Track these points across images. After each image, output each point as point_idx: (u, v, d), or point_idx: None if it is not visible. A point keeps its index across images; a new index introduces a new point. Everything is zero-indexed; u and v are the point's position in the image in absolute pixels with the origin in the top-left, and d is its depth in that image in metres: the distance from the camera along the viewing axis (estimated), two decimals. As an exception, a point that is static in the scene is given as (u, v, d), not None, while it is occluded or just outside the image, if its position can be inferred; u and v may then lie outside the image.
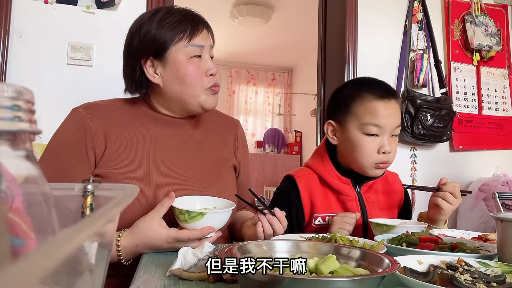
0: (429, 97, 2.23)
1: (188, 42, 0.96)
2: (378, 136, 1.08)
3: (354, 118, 1.09)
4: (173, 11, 0.98)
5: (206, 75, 0.98)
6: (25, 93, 0.30)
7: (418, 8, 2.35)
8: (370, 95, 1.08)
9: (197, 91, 0.98)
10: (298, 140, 5.86)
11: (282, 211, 0.94)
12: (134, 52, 0.98)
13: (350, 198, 1.16)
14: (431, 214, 1.12)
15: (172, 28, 0.95)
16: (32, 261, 0.16)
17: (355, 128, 1.09)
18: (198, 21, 0.99)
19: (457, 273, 0.59)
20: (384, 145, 1.08)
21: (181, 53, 0.96)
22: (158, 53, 0.96)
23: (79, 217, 0.44)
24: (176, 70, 0.96)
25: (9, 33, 1.80)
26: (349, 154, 1.13)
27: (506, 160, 2.44)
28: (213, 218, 0.84)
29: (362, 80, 1.21)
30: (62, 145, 0.95)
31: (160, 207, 0.84)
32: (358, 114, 1.09)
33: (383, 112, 1.07)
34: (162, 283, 0.62)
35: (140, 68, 0.98)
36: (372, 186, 1.19)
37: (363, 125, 1.08)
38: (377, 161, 1.09)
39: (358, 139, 1.09)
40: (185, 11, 1.00)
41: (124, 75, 1.03)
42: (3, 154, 0.29)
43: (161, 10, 0.99)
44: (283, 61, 6.32)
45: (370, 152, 1.08)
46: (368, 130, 1.07)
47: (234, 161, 1.14)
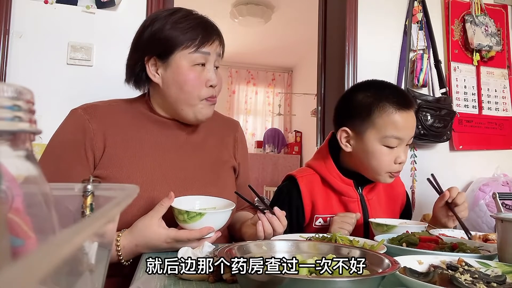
0: (429, 97, 2.23)
1: (195, 49, 0.94)
2: (395, 147, 1.07)
3: (375, 129, 1.06)
4: (190, 16, 0.97)
5: (205, 85, 0.97)
6: (25, 93, 0.30)
7: (418, 8, 2.35)
8: (390, 105, 1.05)
9: (193, 100, 0.97)
10: (298, 140, 5.86)
11: (282, 211, 0.95)
12: (141, 46, 0.98)
13: (352, 200, 1.15)
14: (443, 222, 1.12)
15: (183, 33, 0.94)
16: (32, 261, 0.16)
17: (375, 139, 1.06)
18: (211, 31, 0.97)
19: (457, 273, 0.59)
20: (400, 155, 1.07)
21: (186, 59, 0.95)
22: (163, 54, 0.95)
23: (79, 217, 0.44)
24: (177, 75, 0.95)
25: (9, 33, 1.80)
26: (363, 162, 1.11)
27: (506, 160, 2.44)
28: (212, 218, 0.84)
29: (378, 85, 1.14)
30: (61, 146, 0.95)
31: (160, 207, 0.84)
32: (379, 126, 1.05)
33: (404, 124, 1.06)
34: (162, 283, 0.62)
35: (142, 64, 0.98)
36: (374, 188, 1.19)
37: (384, 137, 1.05)
38: (393, 170, 1.08)
39: (377, 150, 1.07)
40: (202, 19, 0.99)
41: (127, 65, 1.02)
42: (3, 154, 0.29)
43: (179, 11, 0.98)
44: (283, 61, 6.31)
45: (387, 162, 1.07)
46: (388, 143, 1.06)
47: (234, 163, 1.13)
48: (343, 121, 1.13)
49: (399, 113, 1.05)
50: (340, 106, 1.18)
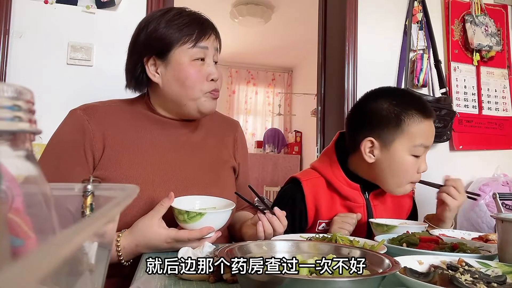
0: (429, 97, 2.22)
1: (193, 44, 0.95)
2: (420, 156, 1.06)
3: (405, 139, 1.03)
4: (183, 13, 0.97)
5: (207, 80, 0.97)
6: (25, 93, 0.30)
7: (418, 8, 2.35)
8: (419, 114, 1.03)
9: (196, 94, 0.97)
10: (298, 140, 5.86)
11: (282, 211, 0.94)
12: (138, 48, 0.98)
13: (358, 205, 1.13)
14: (438, 213, 1.12)
15: (179, 29, 0.94)
16: (32, 261, 0.16)
17: (404, 149, 1.04)
18: (206, 26, 0.98)
19: (457, 274, 0.59)
20: (422, 165, 1.06)
21: (184, 54, 0.95)
22: (161, 52, 0.95)
23: (79, 217, 0.44)
24: (178, 71, 0.95)
25: (9, 33, 1.80)
26: (385, 173, 1.07)
27: (506, 160, 2.44)
28: (212, 218, 0.84)
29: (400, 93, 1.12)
30: (60, 147, 0.94)
31: (160, 207, 0.84)
32: (410, 135, 1.03)
33: (431, 132, 1.05)
34: (162, 283, 0.61)
35: (142, 65, 0.98)
36: (380, 193, 1.17)
37: (414, 146, 1.03)
38: (414, 180, 1.07)
39: (405, 160, 1.04)
40: (195, 15, 0.99)
41: (126, 69, 1.02)
42: (3, 154, 0.29)
43: (172, 10, 0.99)
44: (283, 61, 6.32)
45: (412, 172, 1.06)
46: (416, 152, 1.04)
47: (234, 163, 1.13)
48: (365, 131, 1.08)
49: (426, 121, 1.04)
50: (358, 115, 1.13)
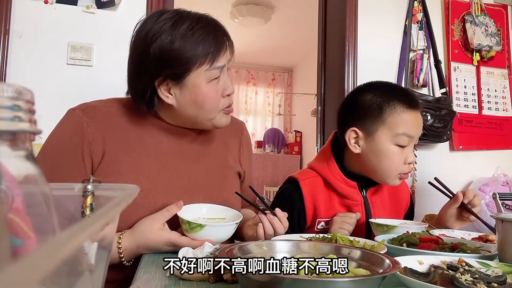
0: (429, 97, 2.22)
1: (210, 65, 0.87)
2: (405, 147, 1.07)
3: (386, 128, 1.06)
4: (196, 26, 0.87)
5: (222, 96, 0.93)
6: (25, 93, 0.30)
7: (418, 8, 2.35)
8: (400, 104, 1.05)
9: (213, 114, 0.93)
10: (298, 140, 5.86)
11: (284, 212, 0.94)
12: (149, 68, 0.87)
13: (356, 203, 1.14)
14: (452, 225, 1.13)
15: (195, 47, 0.86)
16: (32, 261, 0.16)
17: (387, 138, 1.06)
18: (222, 38, 0.90)
19: (457, 274, 0.59)
20: (409, 156, 1.07)
21: (201, 77, 0.88)
22: (177, 76, 0.87)
23: (79, 217, 0.44)
24: (195, 95, 0.89)
25: (9, 33, 1.80)
26: (372, 164, 1.09)
27: (506, 160, 2.44)
28: (213, 231, 0.83)
29: (386, 85, 1.15)
30: (57, 150, 0.89)
31: (166, 213, 0.84)
32: (391, 124, 1.05)
33: (414, 123, 1.06)
34: (162, 283, 0.61)
35: (153, 88, 0.89)
36: (378, 190, 1.18)
37: (396, 135, 1.05)
38: (402, 171, 1.08)
39: (388, 149, 1.06)
40: (209, 26, 0.90)
41: (132, 87, 0.94)
42: (3, 154, 0.29)
43: (182, 20, 0.87)
44: (283, 61, 6.32)
45: (398, 162, 1.07)
46: (400, 141, 1.05)
47: (239, 168, 1.10)
48: (351, 122, 1.11)
49: (409, 111, 1.06)
50: (346, 108, 1.16)
